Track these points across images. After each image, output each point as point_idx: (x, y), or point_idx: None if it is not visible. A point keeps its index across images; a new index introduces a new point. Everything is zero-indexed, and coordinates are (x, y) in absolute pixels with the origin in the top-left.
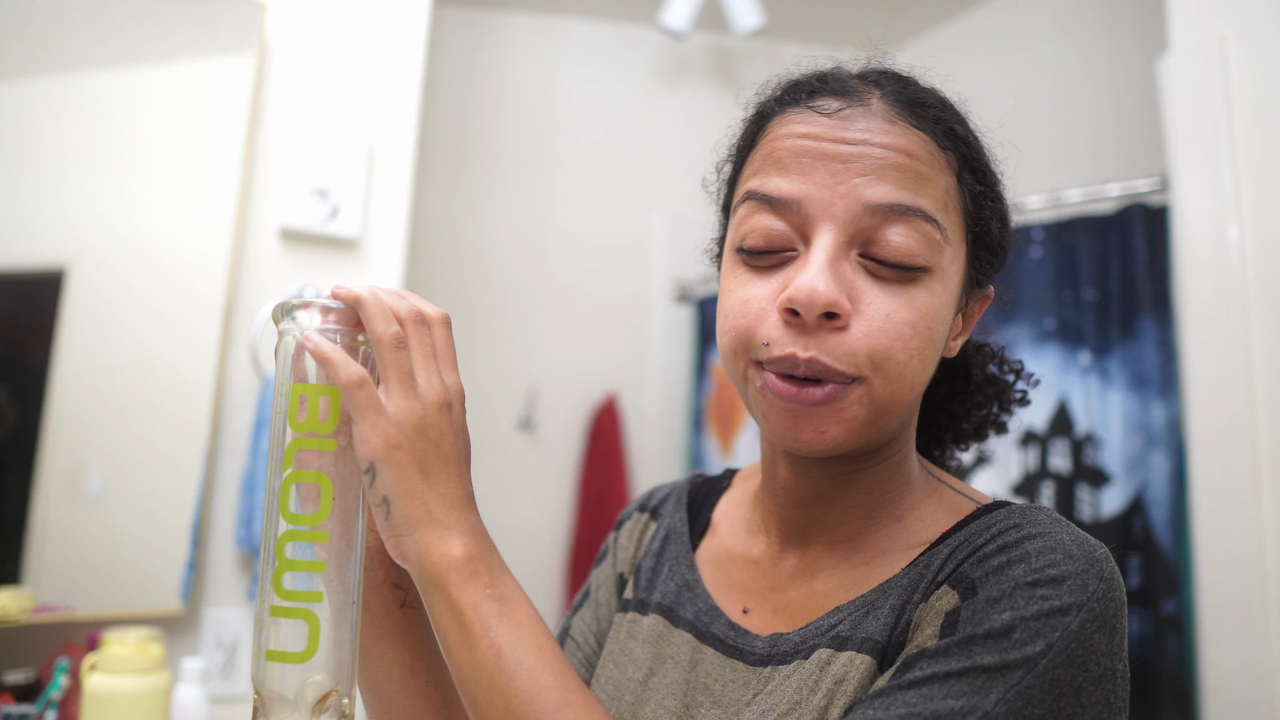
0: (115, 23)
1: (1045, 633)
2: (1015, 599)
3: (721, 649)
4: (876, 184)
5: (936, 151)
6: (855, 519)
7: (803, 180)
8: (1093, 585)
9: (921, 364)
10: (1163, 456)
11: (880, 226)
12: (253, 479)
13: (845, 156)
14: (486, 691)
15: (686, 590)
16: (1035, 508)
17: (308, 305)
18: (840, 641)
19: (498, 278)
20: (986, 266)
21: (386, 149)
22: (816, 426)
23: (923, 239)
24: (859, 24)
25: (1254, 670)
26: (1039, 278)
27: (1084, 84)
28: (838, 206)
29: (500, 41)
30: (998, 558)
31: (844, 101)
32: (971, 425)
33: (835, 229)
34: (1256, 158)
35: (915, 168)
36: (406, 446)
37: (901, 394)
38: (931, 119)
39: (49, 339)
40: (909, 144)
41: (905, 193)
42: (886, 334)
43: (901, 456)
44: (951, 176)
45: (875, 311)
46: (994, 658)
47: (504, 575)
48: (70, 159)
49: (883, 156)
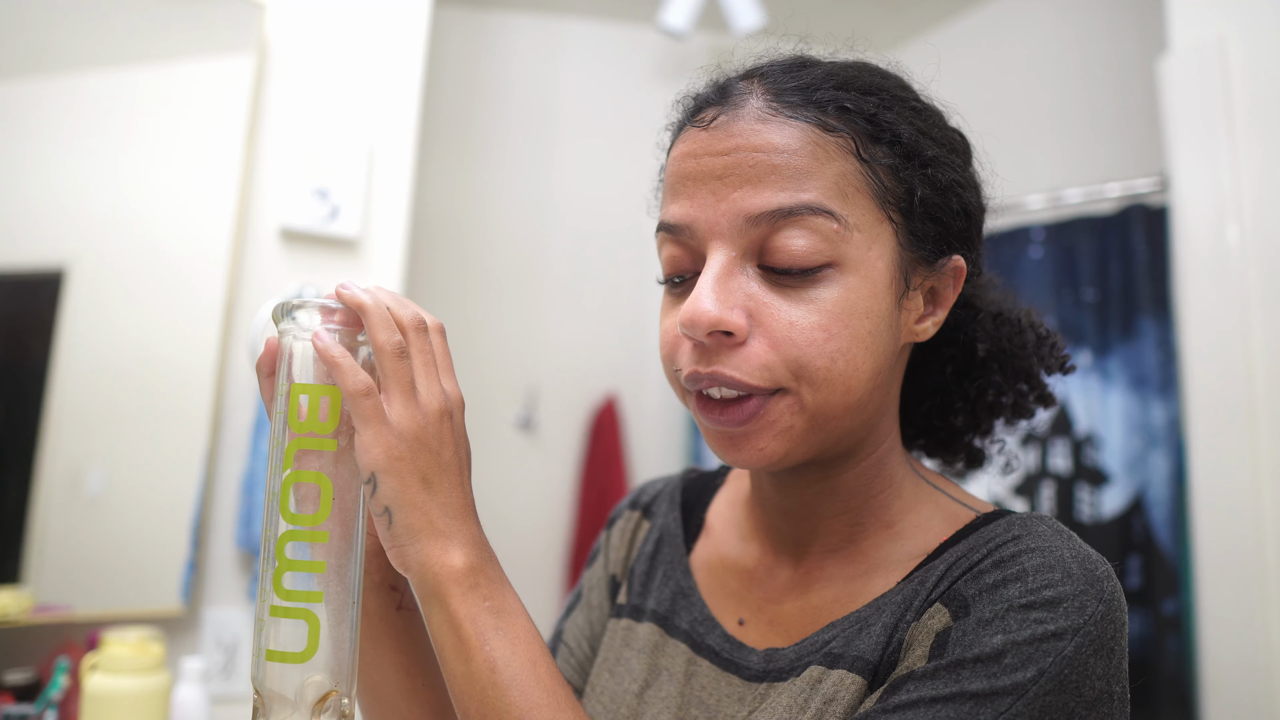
0: (115, 23)
1: (1037, 658)
2: (1008, 621)
3: (717, 662)
4: (754, 193)
5: (821, 137)
6: (843, 526)
7: (690, 204)
8: (1090, 607)
9: (851, 363)
10: (1163, 456)
11: (770, 234)
12: (253, 479)
13: (721, 170)
14: (479, 705)
15: (682, 598)
16: (1036, 518)
17: (308, 305)
18: (832, 659)
19: (498, 277)
20: (935, 238)
21: (386, 149)
22: (753, 444)
23: (816, 235)
24: (859, 24)
25: (1254, 670)
26: (1039, 278)
27: (1084, 84)
28: (721, 224)
29: (500, 41)
30: (993, 574)
31: (720, 108)
32: (1004, 404)
33: (723, 246)
34: (1256, 158)
35: (793, 162)
36: (408, 457)
37: (837, 398)
38: (815, 102)
39: (49, 339)
40: (784, 139)
41: (785, 193)
42: (794, 343)
43: (879, 457)
44: (848, 158)
45: (778, 322)
46: (982, 684)
47: (503, 588)
48: (70, 159)
49: (756, 160)
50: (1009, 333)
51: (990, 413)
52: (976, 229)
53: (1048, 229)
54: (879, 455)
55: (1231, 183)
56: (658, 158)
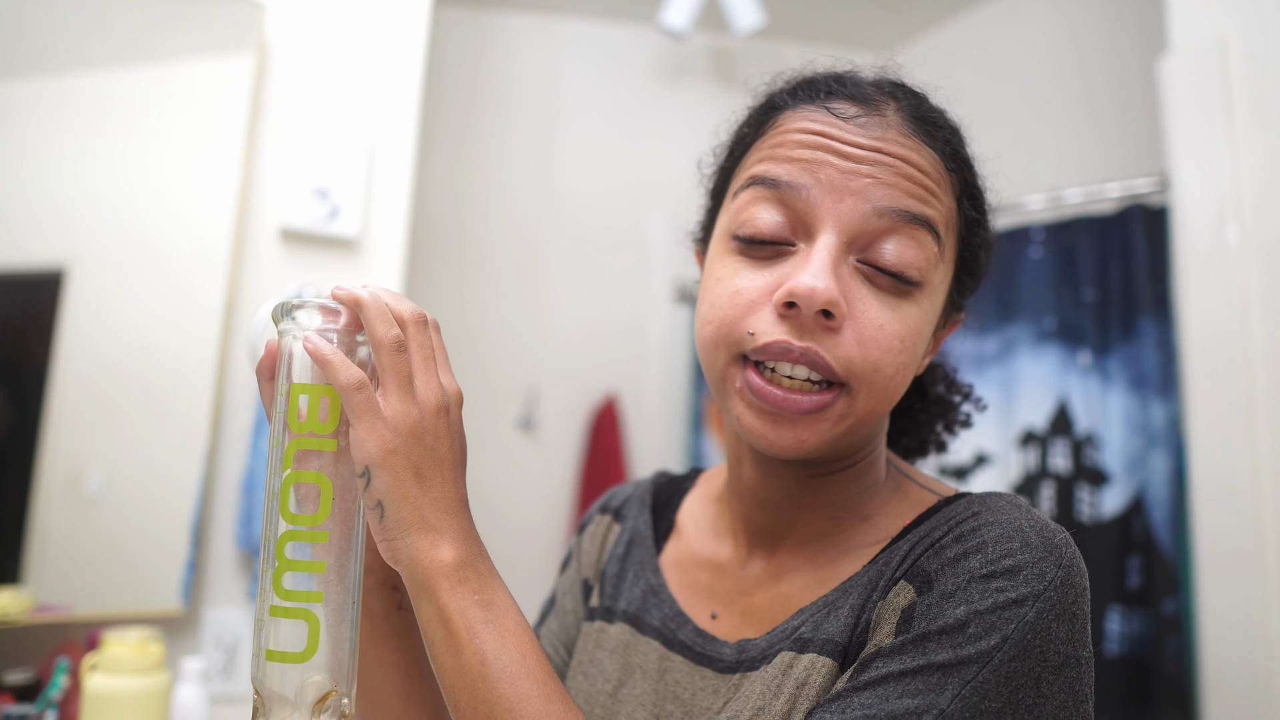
0: (115, 23)
1: (1000, 625)
2: (970, 592)
3: (690, 656)
4: (887, 189)
5: (944, 172)
6: (822, 520)
7: (812, 174)
8: (1050, 574)
9: (903, 379)
10: (1163, 456)
11: (883, 234)
12: (253, 479)
13: (859, 158)
14: (469, 697)
15: (652, 596)
16: (995, 494)
17: (307, 305)
18: (802, 644)
19: (498, 277)
20: (967, 290)
21: (386, 149)
22: (795, 434)
23: (922, 253)
24: (859, 24)
25: (1254, 670)
26: (1039, 278)
27: (1084, 84)
28: (845, 204)
29: (500, 41)
30: (954, 548)
31: (861, 108)
32: (915, 441)
33: (839, 228)
34: (1256, 158)
35: (925, 182)
36: (402, 451)
37: (881, 407)
38: (942, 139)
39: (49, 339)
40: (922, 159)
41: (916, 202)
42: (878, 344)
43: (871, 460)
44: (954, 198)
45: (870, 320)
46: (948, 654)
47: (493, 581)
48: (70, 159)
49: (895, 165)
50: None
51: (919, 449)
52: (976, 288)
53: (1048, 229)
54: (871, 459)
55: (1231, 183)
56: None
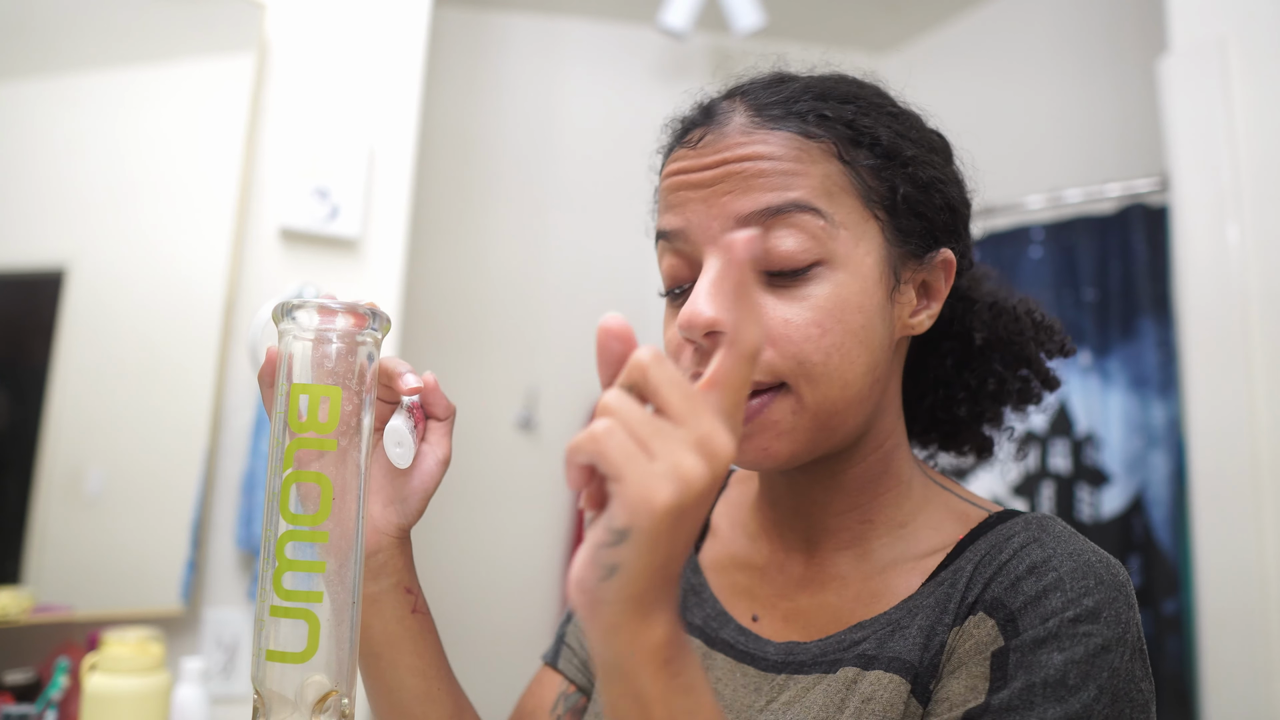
0: (115, 23)
1: (1094, 675)
2: (1062, 640)
3: (732, 654)
4: (742, 196)
5: (804, 144)
6: (854, 523)
7: (683, 212)
8: (1124, 614)
9: (845, 358)
10: (1163, 456)
11: None
12: (253, 479)
13: (710, 181)
14: None
15: (693, 595)
16: (1049, 519)
17: (307, 305)
18: (867, 660)
19: (498, 278)
20: (921, 233)
21: (386, 149)
22: (757, 445)
23: (804, 234)
24: (859, 24)
25: (1254, 670)
26: (1039, 278)
27: (1084, 84)
28: (714, 229)
29: (500, 41)
30: (1029, 581)
31: (705, 128)
32: (988, 393)
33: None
34: (1256, 158)
35: (780, 168)
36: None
37: (836, 393)
38: (796, 113)
39: (49, 339)
40: (768, 148)
41: (773, 194)
42: (790, 339)
43: (885, 452)
44: (831, 161)
45: (773, 321)
46: (1057, 710)
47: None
48: (70, 159)
49: (742, 169)
50: (1006, 321)
51: (993, 400)
52: (962, 222)
53: (1048, 229)
54: (885, 451)
55: (1231, 183)
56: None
